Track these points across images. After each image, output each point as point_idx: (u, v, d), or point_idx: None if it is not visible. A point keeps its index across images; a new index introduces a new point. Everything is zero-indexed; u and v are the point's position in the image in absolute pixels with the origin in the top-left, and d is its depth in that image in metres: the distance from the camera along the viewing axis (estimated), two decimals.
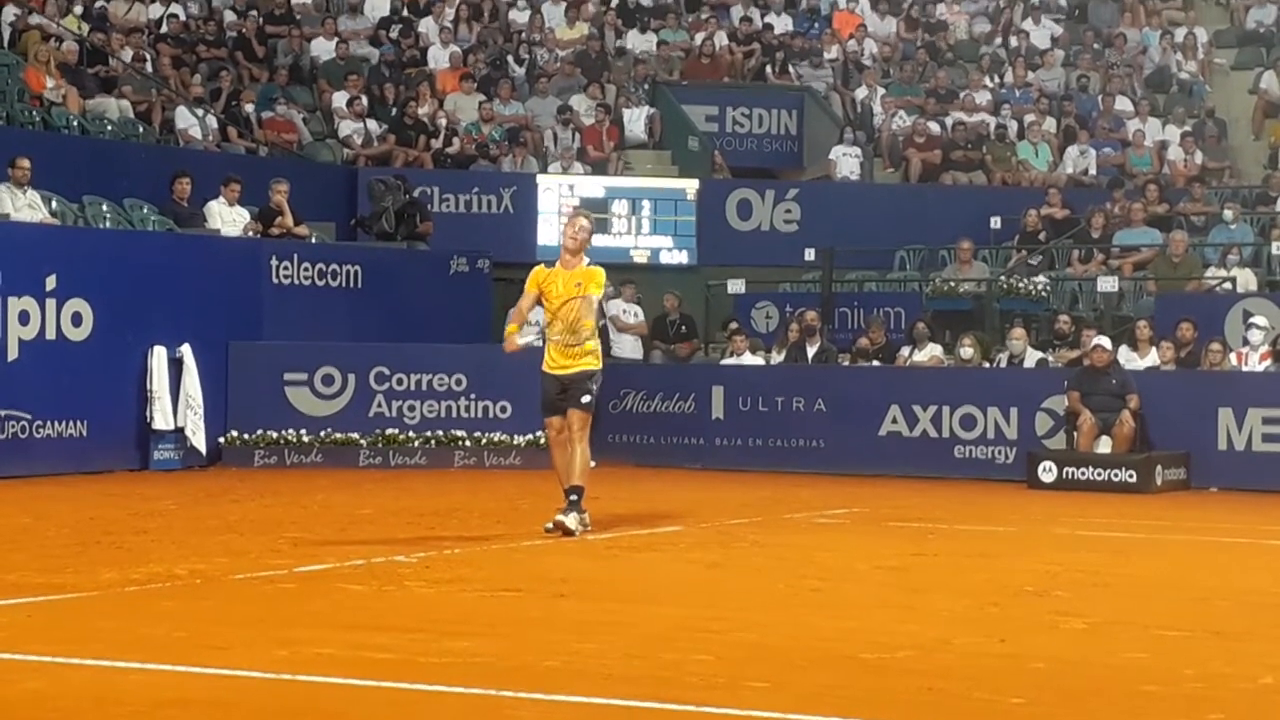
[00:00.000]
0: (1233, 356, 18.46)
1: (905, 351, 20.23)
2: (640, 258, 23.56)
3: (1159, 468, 17.28)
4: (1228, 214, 22.11)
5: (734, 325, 21.43)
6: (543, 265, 12.72)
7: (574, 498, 12.23)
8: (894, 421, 18.85)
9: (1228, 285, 20.46)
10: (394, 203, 20.82)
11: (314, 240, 20.22)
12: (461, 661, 7.25)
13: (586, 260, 12.54)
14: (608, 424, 19.63)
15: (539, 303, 12.54)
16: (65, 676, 6.92)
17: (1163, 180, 24.13)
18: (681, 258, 23.90)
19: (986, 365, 19.71)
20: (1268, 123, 26.22)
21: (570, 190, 23.45)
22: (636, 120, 25.39)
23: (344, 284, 19.69)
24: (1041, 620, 8.82)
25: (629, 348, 21.41)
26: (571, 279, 12.41)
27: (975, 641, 8.07)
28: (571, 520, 12.09)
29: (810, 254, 22.82)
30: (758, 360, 20.59)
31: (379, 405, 18.66)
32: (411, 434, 18.62)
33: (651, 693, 6.59)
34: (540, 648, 7.68)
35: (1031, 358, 19.38)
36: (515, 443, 18.59)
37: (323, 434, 18.42)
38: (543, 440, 13.76)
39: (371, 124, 23.87)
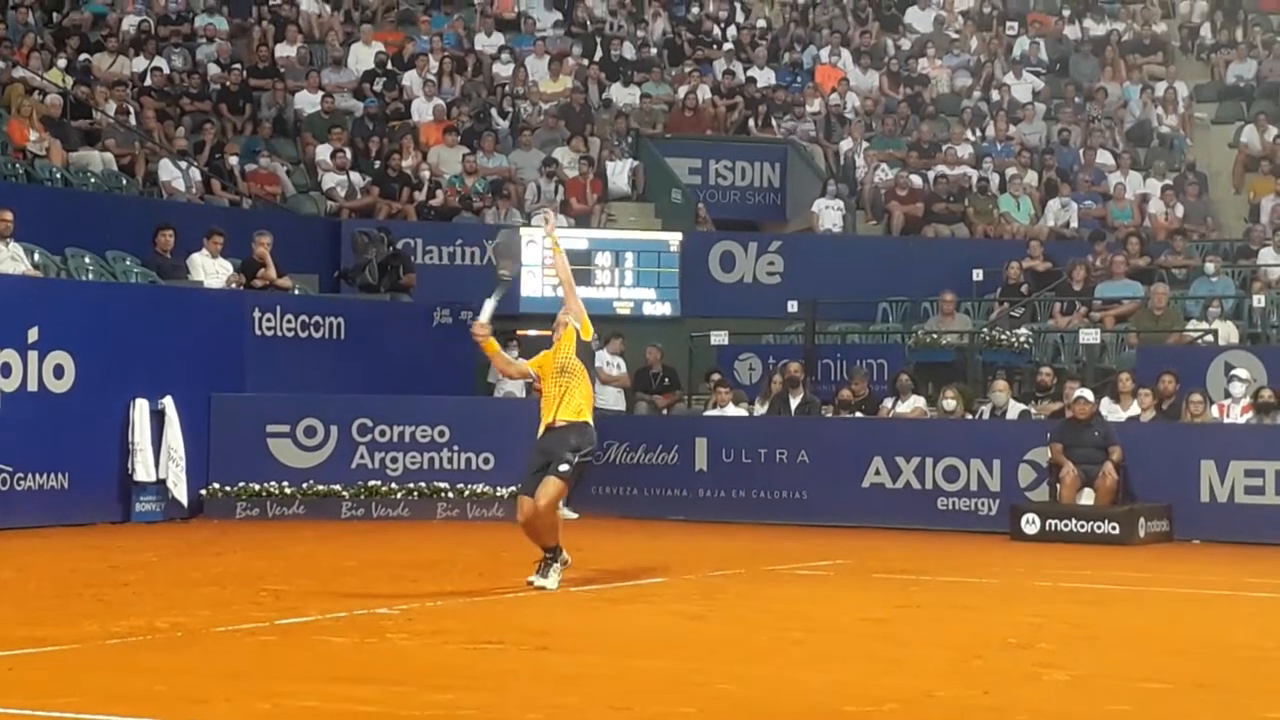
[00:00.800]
0: (1214, 409, 18.51)
1: (888, 403, 20.25)
2: (623, 309, 23.57)
3: (1142, 520, 17.28)
4: (1209, 267, 22.20)
5: (717, 377, 21.44)
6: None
7: (548, 557, 12.11)
8: (877, 473, 18.85)
9: (1209, 338, 20.52)
10: (377, 255, 20.84)
11: (297, 292, 20.22)
12: (444, 714, 7.22)
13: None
14: (591, 476, 19.54)
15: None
16: None
17: (1144, 233, 24.22)
18: (664, 309, 23.92)
19: (969, 417, 19.74)
20: (1248, 176, 26.37)
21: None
22: (620, 173, 25.46)
23: (327, 335, 19.68)
24: (1025, 672, 8.80)
25: (612, 399, 21.40)
26: (558, 350, 12.82)
27: (959, 694, 8.05)
28: (551, 581, 12.01)
29: (793, 306, 22.87)
30: (741, 412, 20.60)
31: (361, 457, 18.62)
32: (394, 486, 18.59)
33: None
34: (523, 700, 7.65)
35: (1014, 410, 19.41)
36: (498, 494, 18.55)
37: (305, 486, 18.38)
38: None
39: (355, 176, 23.90)
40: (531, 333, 22.51)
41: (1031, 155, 26.52)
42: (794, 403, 20.35)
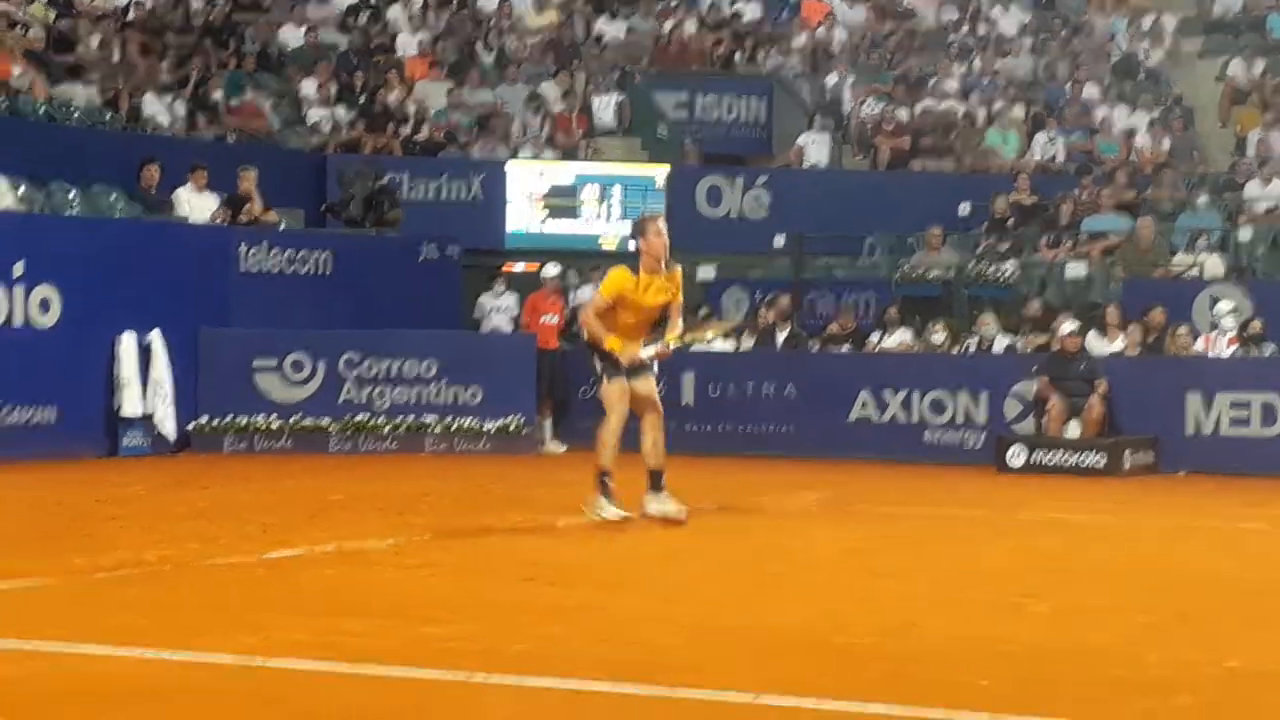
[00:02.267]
0: (1200, 341, 18.55)
1: (875, 337, 20.27)
2: (609, 244, 23.51)
3: (1127, 452, 17.35)
4: (1199, 200, 22.20)
5: (704, 311, 21.43)
6: (626, 270, 12.13)
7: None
8: (864, 406, 18.90)
9: (1195, 271, 20.54)
10: (363, 189, 20.79)
11: (283, 227, 20.17)
12: (433, 646, 7.26)
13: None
14: (578, 410, 19.64)
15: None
16: (35, 663, 6.91)
17: (1130, 167, 24.19)
18: None
19: (956, 351, 19.77)
20: (1235, 109, 26.31)
21: (540, 176, 23.42)
22: (606, 107, 25.36)
23: (313, 270, 19.65)
24: (1009, 603, 8.86)
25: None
26: (661, 288, 12.08)
27: (944, 625, 8.11)
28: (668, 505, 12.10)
29: (780, 240, 22.84)
30: (728, 346, 20.61)
31: (349, 391, 18.64)
32: (382, 420, 18.61)
33: (621, 675, 6.61)
34: (510, 632, 7.69)
35: (1001, 343, 19.45)
36: (485, 428, 18.59)
37: (292, 420, 18.40)
38: (513, 428, 13.78)
39: (340, 111, 23.81)
40: (518, 267, 22.54)
41: (1018, 89, 26.44)
42: (781, 337, 20.36)
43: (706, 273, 22.51)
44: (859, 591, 9.26)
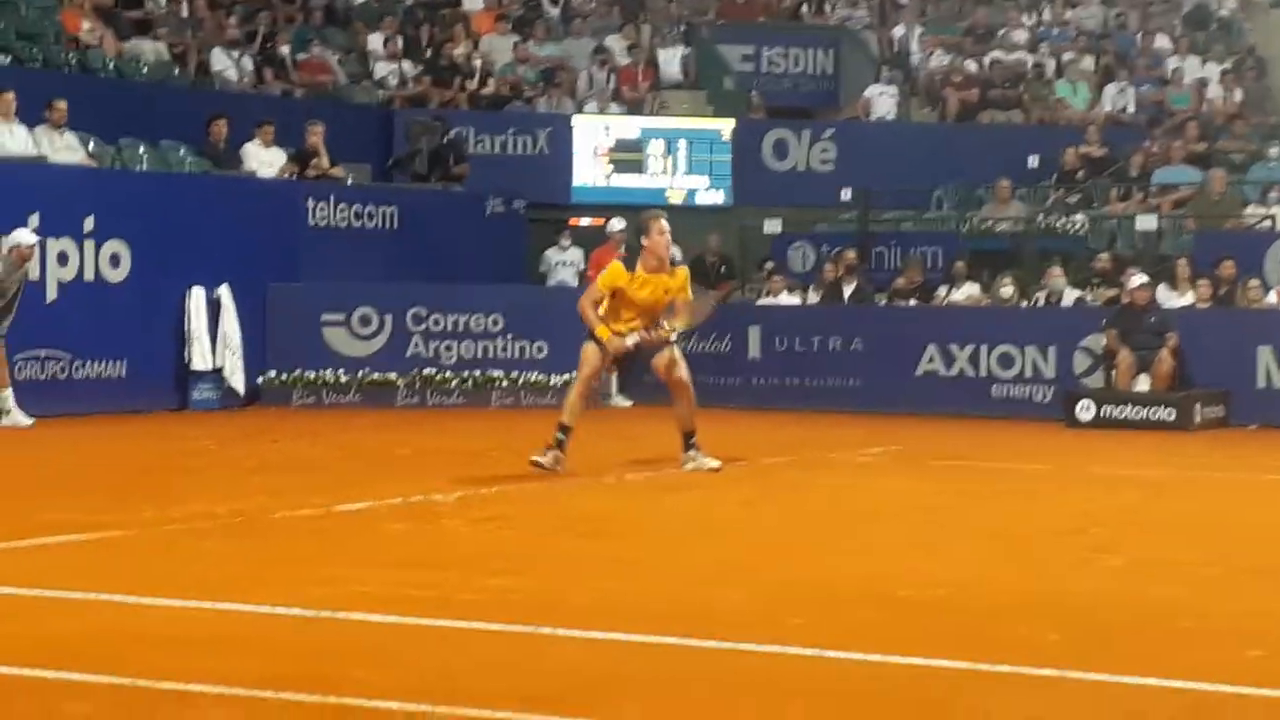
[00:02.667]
0: (1272, 294, 18.36)
1: (943, 291, 20.17)
2: (675, 198, 23.48)
3: (1198, 406, 17.21)
4: (1271, 151, 21.94)
5: (770, 265, 21.39)
6: (621, 265, 12.42)
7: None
8: (931, 361, 18.81)
9: (1267, 223, 20.32)
10: (428, 144, 20.82)
11: (350, 182, 20.23)
12: (496, 598, 7.28)
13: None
14: (644, 365, 19.61)
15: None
16: (105, 614, 6.98)
17: (1202, 118, 23.93)
18: (717, 198, 23.83)
19: (1025, 304, 19.64)
20: None
21: (606, 131, 23.39)
22: (672, 60, 25.27)
23: (380, 225, 19.71)
24: (1079, 557, 8.81)
25: None
26: (659, 285, 12.22)
27: (1012, 579, 8.07)
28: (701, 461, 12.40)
29: (847, 194, 22.74)
30: (794, 300, 20.56)
31: (416, 345, 18.70)
32: (448, 374, 18.66)
33: (686, 630, 6.61)
34: (576, 586, 7.71)
35: (1070, 296, 19.31)
36: (552, 382, 18.60)
37: (360, 374, 18.48)
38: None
39: (406, 65, 23.82)
40: (584, 221, 22.53)
41: (1089, 40, 26.18)
42: (847, 291, 20.28)
43: (772, 226, 22.45)
44: (926, 546, 9.23)
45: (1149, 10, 27.02)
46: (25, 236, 15.54)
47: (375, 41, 24.00)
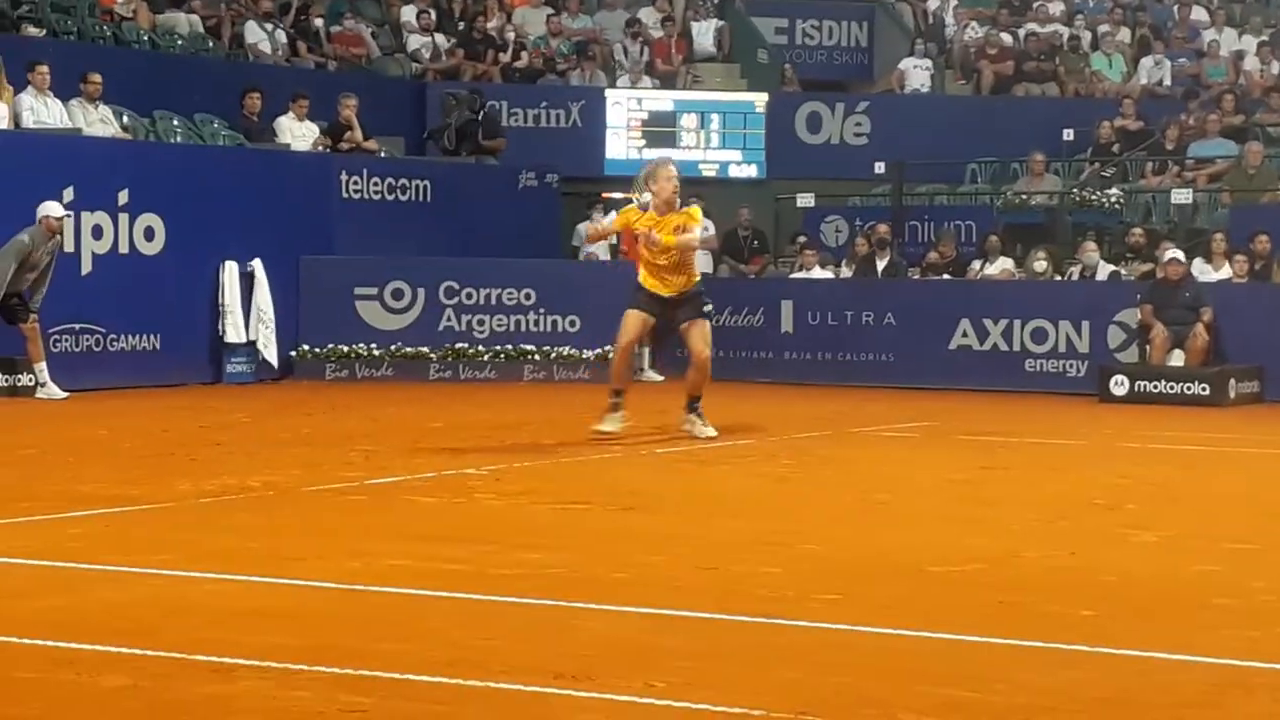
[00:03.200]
0: None
1: (976, 265, 20.12)
2: (709, 171, 23.47)
3: (1232, 381, 17.15)
4: None
5: (803, 239, 21.35)
6: (635, 207, 12.73)
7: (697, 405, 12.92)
8: (964, 335, 18.77)
9: None
10: (461, 118, 20.83)
11: (383, 155, 20.25)
12: (533, 572, 7.30)
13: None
14: (676, 340, 19.61)
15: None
16: (140, 586, 7.01)
17: (1238, 91, 23.81)
18: (750, 171, 23.80)
19: (1058, 279, 19.58)
20: None
21: (639, 104, 23.37)
22: (705, 33, 25.24)
23: (413, 199, 19.74)
24: (1112, 533, 8.79)
25: (700, 262, 21.32)
26: (668, 225, 12.56)
27: (1045, 554, 8.06)
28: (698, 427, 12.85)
29: (880, 167, 22.70)
30: (827, 274, 20.53)
31: (448, 319, 18.73)
32: (481, 348, 18.69)
33: (720, 604, 6.62)
34: (609, 560, 7.72)
35: (1104, 271, 19.24)
36: (584, 357, 18.63)
37: (393, 348, 18.52)
38: (610, 356, 13.85)
39: (439, 38, 23.82)
40: (617, 195, 22.50)
41: (1124, 11, 26.07)
42: (880, 265, 20.25)
43: (805, 200, 22.44)
44: (961, 521, 9.22)
45: None
46: (54, 208, 15.59)
47: (408, 14, 24.01)
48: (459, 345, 18.67)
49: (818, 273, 20.41)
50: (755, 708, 5.08)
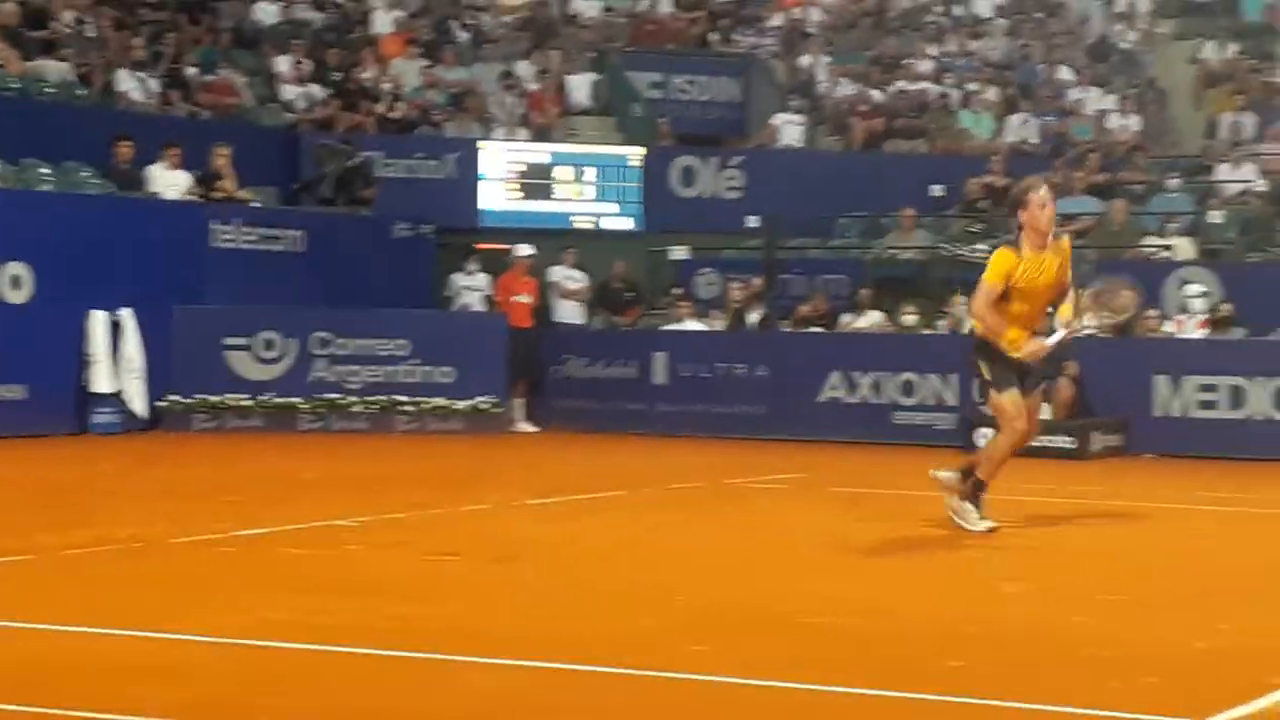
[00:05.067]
0: (1170, 324, 18.63)
1: (847, 318, 20.31)
2: (584, 224, 23.53)
3: (1096, 434, 17.42)
4: (1171, 183, 22.27)
5: (677, 291, 21.47)
6: (1008, 249, 10.74)
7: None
8: (834, 388, 18.93)
9: (1166, 253, 20.62)
10: (336, 168, 20.77)
11: (256, 205, 20.12)
12: (406, 625, 7.26)
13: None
14: (550, 389, 19.69)
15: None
16: (9, 641, 6.90)
17: (1103, 149, 24.26)
18: (625, 224, 23.89)
19: (927, 331, 19.81)
20: (1207, 92, 26.40)
21: (514, 156, 23.40)
22: (581, 87, 25.34)
23: (286, 248, 19.62)
24: (983, 585, 8.90)
25: (570, 313, 21.40)
26: (1050, 265, 10.72)
27: (915, 606, 8.14)
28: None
29: (753, 221, 22.87)
30: (700, 326, 20.64)
31: (320, 370, 18.62)
32: (353, 399, 18.59)
33: (596, 657, 6.63)
34: (484, 612, 7.71)
35: (972, 324, 19.46)
36: (458, 408, 18.59)
37: (263, 398, 18.37)
38: (484, 407, 13.83)
39: (314, 88, 23.73)
40: (492, 247, 22.50)
41: (993, 71, 26.49)
42: (753, 318, 20.38)
43: (679, 253, 22.56)
44: (832, 573, 9.29)
45: (1052, 42, 27.38)
46: None
47: (283, 64, 23.90)
48: (330, 396, 18.56)
49: (691, 325, 20.52)
50: None
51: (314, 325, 18.64)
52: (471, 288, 21.13)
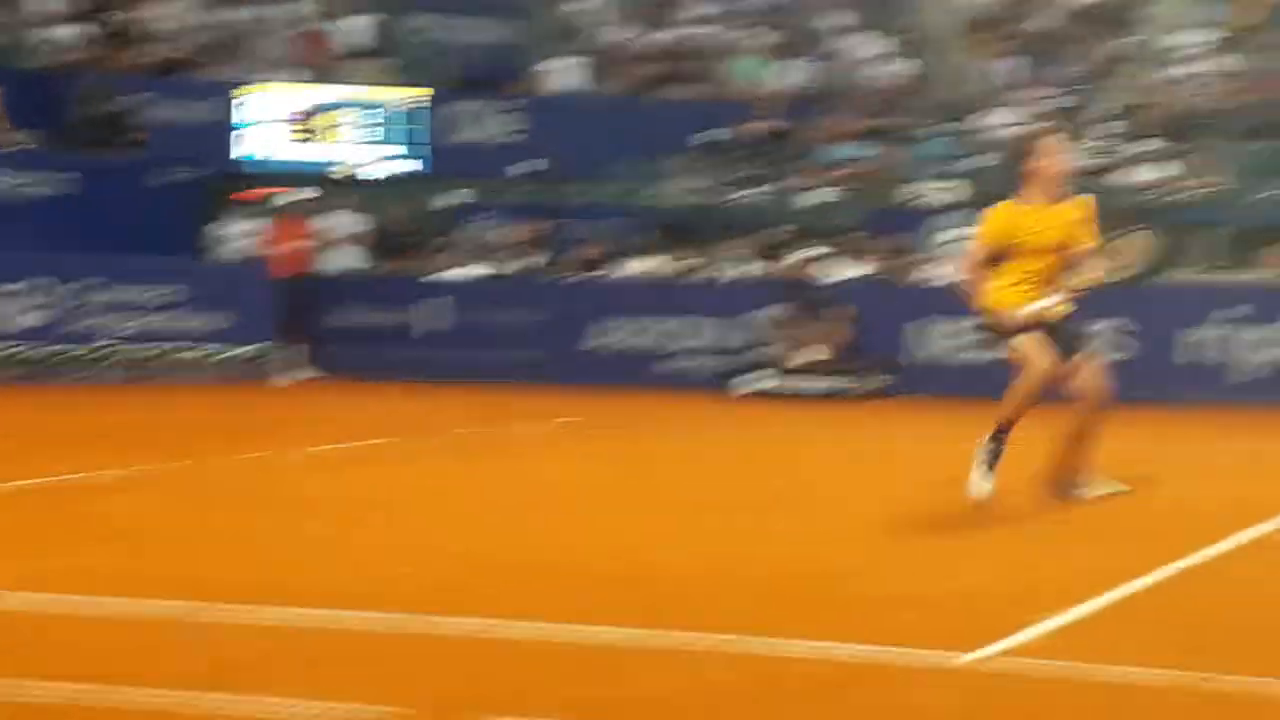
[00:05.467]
0: (935, 268, 18.96)
1: (623, 263, 20.37)
2: (360, 169, 23.26)
3: (863, 376, 17.73)
4: (939, 128, 22.65)
5: (456, 237, 21.34)
6: (1004, 206, 9.78)
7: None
8: (607, 333, 19.01)
9: (931, 198, 20.97)
10: (102, 110, 20.29)
11: (19, 148, 19.57)
12: (167, 576, 7.15)
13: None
14: (326, 337, 19.47)
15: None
16: None
17: (873, 95, 24.55)
18: (404, 168, 23.65)
19: (703, 277, 19.95)
20: (975, 38, 26.81)
21: (284, 99, 23.01)
22: (357, 28, 24.99)
23: (49, 193, 19.14)
24: (749, 528, 9.00)
25: (348, 259, 21.17)
26: (1062, 221, 9.60)
27: (682, 550, 8.21)
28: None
29: (532, 166, 22.81)
30: (478, 271, 20.56)
31: (83, 318, 18.19)
32: (117, 347, 18.20)
33: (359, 603, 6.59)
34: (251, 562, 7.62)
35: (746, 269, 19.67)
36: (224, 357, 18.32)
37: (29, 346, 17.90)
38: (250, 356, 13.62)
39: (80, 29, 23.07)
40: (260, 193, 22.14)
41: (766, 16, 26.65)
42: (531, 263, 20.35)
43: (458, 198, 22.41)
44: (600, 517, 9.34)
45: None
46: None
47: (50, 2, 23.18)
48: (95, 344, 18.14)
49: (469, 270, 20.43)
50: (394, 704, 5.08)
51: (78, 272, 18.19)
52: (239, 234, 20.78)
